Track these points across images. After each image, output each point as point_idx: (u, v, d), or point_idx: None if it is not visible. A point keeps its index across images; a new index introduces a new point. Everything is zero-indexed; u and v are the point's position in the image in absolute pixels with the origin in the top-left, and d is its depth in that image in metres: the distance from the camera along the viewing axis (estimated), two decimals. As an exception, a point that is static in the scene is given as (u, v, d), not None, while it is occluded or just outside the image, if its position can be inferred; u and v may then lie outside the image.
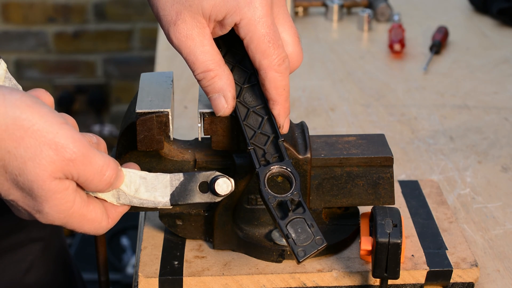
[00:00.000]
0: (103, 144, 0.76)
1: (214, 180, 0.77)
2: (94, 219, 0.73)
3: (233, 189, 0.78)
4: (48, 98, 0.73)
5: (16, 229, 1.09)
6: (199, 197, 0.78)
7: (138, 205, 0.77)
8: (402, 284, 0.87)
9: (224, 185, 0.77)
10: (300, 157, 0.87)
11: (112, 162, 0.72)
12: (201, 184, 0.78)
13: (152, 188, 0.77)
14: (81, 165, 0.69)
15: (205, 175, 0.78)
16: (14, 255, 1.09)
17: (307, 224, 0.76)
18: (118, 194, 0.76)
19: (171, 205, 0.77)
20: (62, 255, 1.20)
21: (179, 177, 0.77)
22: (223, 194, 0.78)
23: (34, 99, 0.68)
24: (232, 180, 0.78)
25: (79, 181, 0.71)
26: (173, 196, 0.77)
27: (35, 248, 1.12)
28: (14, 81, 0.75)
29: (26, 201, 0.70)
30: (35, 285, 1.12)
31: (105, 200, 0.76)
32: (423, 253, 0.89)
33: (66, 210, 0.71)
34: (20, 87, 0.76)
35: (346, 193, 0.89)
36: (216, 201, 0.78)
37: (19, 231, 1.09)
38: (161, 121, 0.82)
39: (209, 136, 0.85)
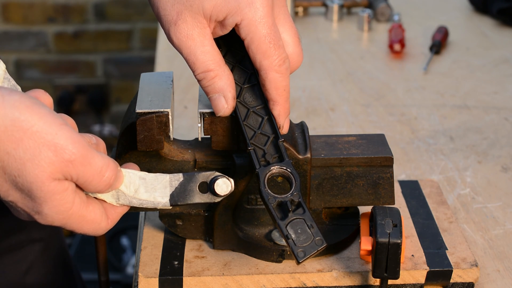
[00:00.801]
0: (102, 144, 0.76)
1: (213, 180, 0.77)
2: (94, 220, 0.73)
3: (233, 189, 0.78)
4: (47, 99, 0.73)
5: (16, 229, 1.09)
6: (199, 198, 0.78)
7: (137, 206, 0.77)
8: (402, 284, 0.87)
9: (224, 186, 0.77)
10: (300, 157, 0.87)
11: (111, 163, 0.72)
12: (200, 184, 0.78)
13: (151, 189, 0.76)
14: (81, 166, 0.69)
15: (205, 176, 0.78)
16: (14, 256, 1.09)
17: (307, 225, 0.76)
18: (118, 195, 0.75)
19: (170, 206, 0.77)
20: (62, 256, 1.20)
21: (178, 177, 0.77)
22: (222, 195, 0.77)
23: (33, 100, 0.68)
24: (232, 180, 0.77)
25: (78, 182, 0.71)
26: (172, 196, 0.77)
27: (35, 248, 1.12)
28: (13, 82, 0.75)
29: (25, 202, 0.70)
30: (35, 286, 1.12)
31: (104, 201, 0.76)
32: (423, 253, 0.89)
33: (66, 211, 0.71)
34: (19, 88, 0.75)
35: (346, 193, 0.89)
36: (216, 201, 0.78)
37: (19, 231, 1.09)
38: (161, 121, 0.82)
39: (209, 136, 0.85)
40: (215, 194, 0.77)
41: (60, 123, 0.69)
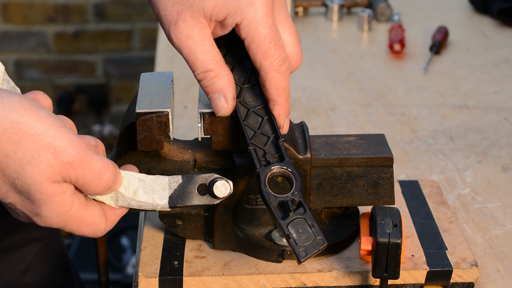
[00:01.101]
0: (101, 146, 0.76)
1: (212, 182, 0.77)
2: (93, 222, 0.73)
3: (232, 191, 0.77)
4: (46, 100, 0.73)
5: (14, 230, 1.09)
6: (198, 200, 0.77)
7: (136, 208, 0.77)
8: (402, 284, 0.87)
9: (223, 188, 0.77)
10: (300, 157, 0.87)
11: (110, 165, 0.72)
12: (199, 186, 0.78)
13: (150, 191, 0.76)
14: (80, 168, 0.69)
15: (204, 178, 0.78)
16: (12, 256, 1.09)
17: (308, 224, 0.76)
18: (117, 197, 0.75)
19: (169, 208, 0.77)
20: (60, 256, 1.20)
21: (177, 179, 0.77)
22: (221, 197, 0.77)
23: (32, 102, 0.68)
24: (231, 183, 0.77)
25: (77, 184, 0.70)
26: (171, 198, 0.77)
27: (33, 249, 1.12)
28: (12, 83, 0.75)
29: (24, 204, 0.70)
30: (33, 286, 1.12)
31: (103, 203, 0.75)
32: (423, 253, 0.89)
33: (64, 213, 0.70)
34: (18, 90, 0.75)
35: (346, 193, 0.89)
36: (215, 203, 0.78)
37: (17, 232, 1.09)
38: (161, 121, 0.82)
39: (209, 136, 0.85)
40: (213, 196, 0.77)
41: (59, 125, 0.68)
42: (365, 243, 0.85)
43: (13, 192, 0.69)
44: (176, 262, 0.88)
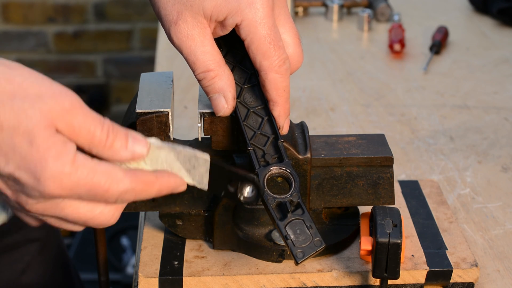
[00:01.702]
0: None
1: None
2: (107, 171, 0.67)
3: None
4: None
5: (13, 229, 1.09)
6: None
7: (172, 150, 0.71)
8: (402, 284, 0.87)
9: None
10: (300, 157, 0.87)
11: (115, 125, 0.68)
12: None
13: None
14: (80, 114, 0.66)
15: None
16: (10, 256, 1.09)
17: (306, 226, 0.76)
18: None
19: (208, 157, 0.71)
20: (60, 256, 1.20)
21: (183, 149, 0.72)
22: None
23: (18, 63, 0.68)
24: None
25: (81, 135, 0.67)
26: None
27: (32, 248, 1.11)
28: None
29: (24, 164, 0.65)
30: (32, 286, 1.11)
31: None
32: (423, 253, 0.89)
33: (70, 162, 0.66)
34: None
35: (346, 193, 0.89)
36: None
37: (16, 231, 1.09)
38: (161, 121, 0.82)
39: (209, 136, 0.85)
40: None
41: (50, 79, 0.67)
42: (365, 243, 0.85)
43: (13, 153, 0.65)
44: (176, 262, 0.88)
